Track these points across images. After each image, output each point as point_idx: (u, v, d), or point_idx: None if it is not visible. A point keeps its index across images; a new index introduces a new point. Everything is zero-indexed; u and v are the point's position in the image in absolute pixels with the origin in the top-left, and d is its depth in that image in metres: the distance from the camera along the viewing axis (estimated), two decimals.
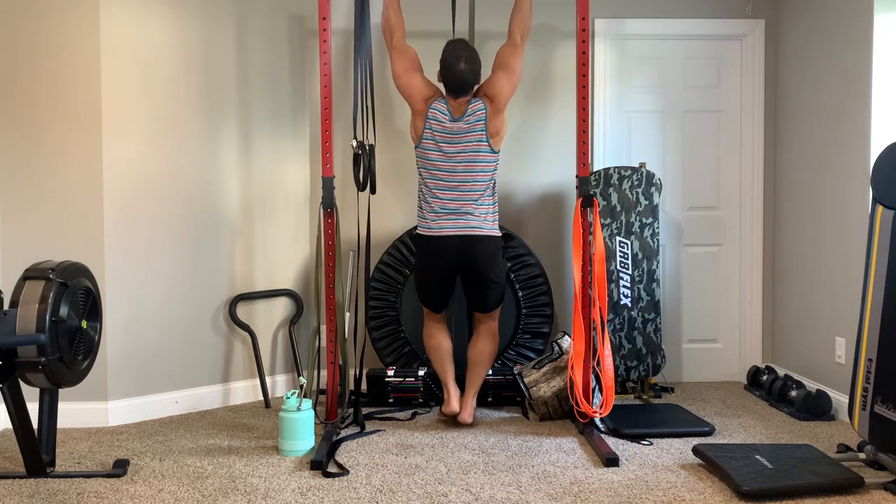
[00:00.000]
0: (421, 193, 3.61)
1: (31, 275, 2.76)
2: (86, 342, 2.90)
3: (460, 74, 3.46)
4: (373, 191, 3.63)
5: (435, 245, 3.53)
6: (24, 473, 2.89)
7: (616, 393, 4.00)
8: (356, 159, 3.52)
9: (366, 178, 3.54)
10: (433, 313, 3.73)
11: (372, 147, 3.59)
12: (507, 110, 3.60)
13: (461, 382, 3.70)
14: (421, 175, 3.60)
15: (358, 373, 3.68)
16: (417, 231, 3.62)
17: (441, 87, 3.59)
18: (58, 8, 3.52)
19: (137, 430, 3.53)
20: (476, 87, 3.56)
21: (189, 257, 3.86)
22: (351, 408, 3.67)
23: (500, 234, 3.61)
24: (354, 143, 3.52)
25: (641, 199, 4.10)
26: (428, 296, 3.69)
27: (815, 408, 3.66)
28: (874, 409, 2.83)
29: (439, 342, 3.71)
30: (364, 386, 4.03)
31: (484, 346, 3.68)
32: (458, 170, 3.50)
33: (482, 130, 3.50)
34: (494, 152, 3.55)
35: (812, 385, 3.88)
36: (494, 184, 3.60)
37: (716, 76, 4.45)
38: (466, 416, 3.59)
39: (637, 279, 4.09)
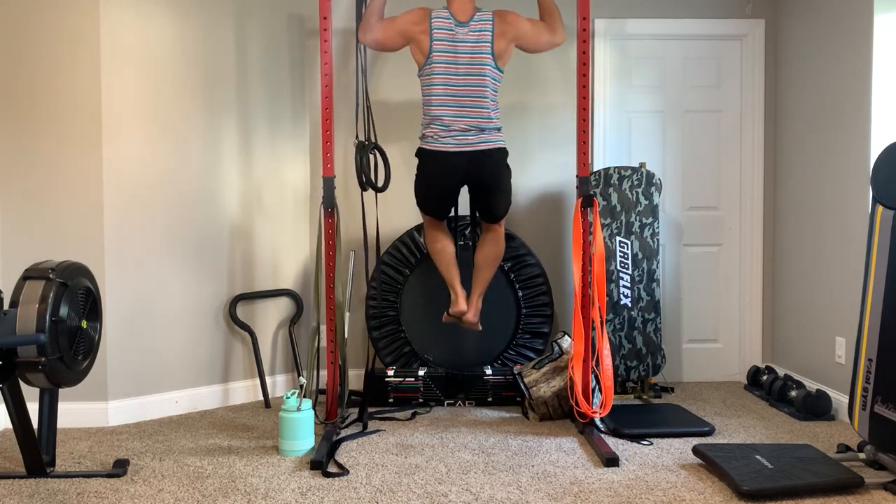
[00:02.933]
0: (426, 109, 3.50)
1: (31, 275, 2.76)
2: (86, 342, 2.90)
3: None
4: (377, 189, 3.62)
5: (441, 160, 3.46)
6: (24, 473, 2.89)
7: (616, 393, 4.01)
8: (359, 158, 3.51)
9: (361, 177, 3.52)
10: (435, 220, 3.71)
11: (374, 144, 3.59)
12: (507, 112, 3.59)
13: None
14: (425, 96, 3.49)
15: (370, 366, 3.65)
16: (421, 146, 3.54)
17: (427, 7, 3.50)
18: (58, 8, 3.52)
19: (137, 430, 3.53)
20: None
21: (189, 257, 3.86)
22: (355, 408, 3.66)
23: (504, 145, 3.54)
24: (356, 142, 3.52)
25: (641, 199, 4.10)
26: (431, 207, 3.64)
27: (815, 408, 3.66)
28: (874, 409, 2.83)
29: (444, 245, 3.68)
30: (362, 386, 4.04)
31: (490, 249, 3.67)
32: (465, 83, 3.42)
33: (488, 42, 3.42)
34: (499, 70, 3.48)
35: (812, 385, 3.88)
36: (497, 104, 3.52)
37: (716, 76, 4.45)
38: (472, 316, 3.60)
39: (637, 279, 4.09)
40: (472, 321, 3.62)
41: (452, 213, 3.81)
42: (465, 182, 3.55)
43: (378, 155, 3.74)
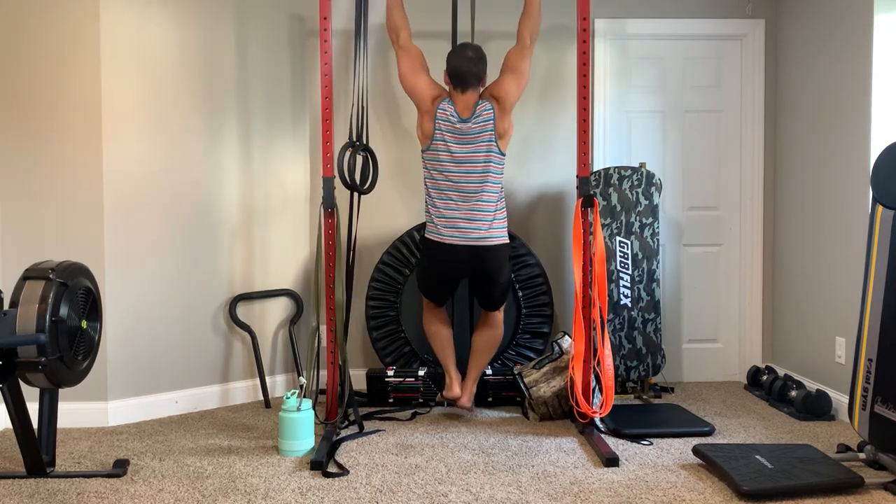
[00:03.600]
0: (428, 197, 3.58)
1: (31, 275, 2.76)
2: (86, 342, 2.90)
3: (467, 62, 3.45)
4: (360, 191, 3.63)
5: (444, 252, 3.53)
6: (24, 473, 2.89)
7: (616, 393, 4.00)
8: (341, 157, 3.51)
9: (343, 178, 3.52)
10: (435, 304, 3.75)
11: (364, 145, 3.60)
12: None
13: (462, 375, 3.72)
14: (428, 180, 3.57)
15: (342, 369, 3.67)
16: (426, 235, 3.62)
17: (446, 89, 3.57)
18: (58, 8, 3.52)
19: (137, 430, 3.53)
20: (483, 89, 3.55)
21: (189, 257, 3.86)
22: (349, 407, 3.66)
23: (508, 240, 3.62)
24: (345, 143, 3.53)
25: (641, 199, 4.10)
26: (432, 293, 3.71)
27: (815, 408, 3.66)
28: (874, 409, 2.83)
29: (440, 328, 3.74)
30: (364, 386, 4.04)
31: (489, 335, 3.72)
32: (468, 173, 3.49)
33: (491, 131, 3.49)
34: (502, 154, 3.55)
35: (812, 385, 3.88)
36: (502, 188, 3.60)
37: (716, 76, 4.45)
38: (466, 401, 3.64)
39: (637, 279, 4.09)
40: (465, 406, 3.66)
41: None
42: (466, 274, 3.60)
43: (368, 156, 3.74)
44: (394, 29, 3.59)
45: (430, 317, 3.75)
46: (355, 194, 3.72)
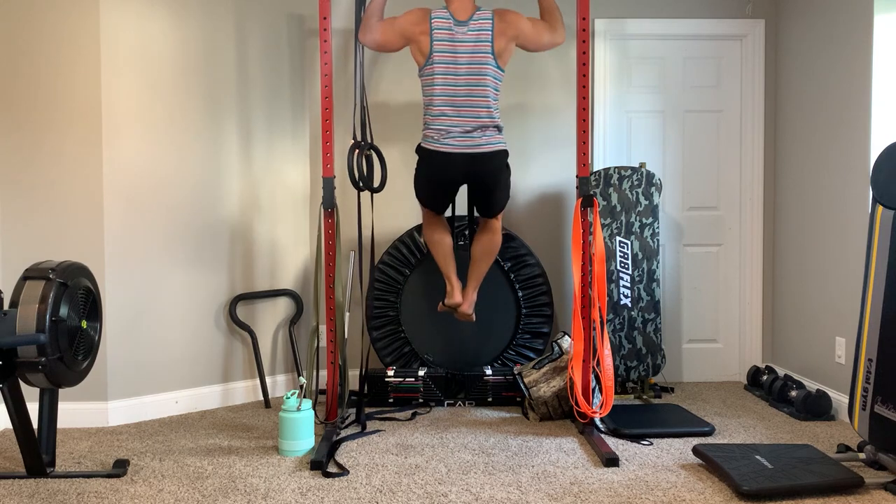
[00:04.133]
0: (426, 109, 3.50)
1: (31, 275, 2.76)
2: (86, 342, 2.90)
3: None
4: (372, 189, 3.62)
5: (441, 160, 3.47)
6: (24, 473, 2.89)
7: (616, 393, 4.00)
8: (350, 157, 3.51)
9: (353, 178, 3.52)
10: (434, 213, 3.73)
11: (370, 145, 3.59)
12: (507, 112, 3.59)
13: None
14: (426, 97, 3.49)
15: (364, 370, 3.67)
16: (422, 144, 3.53)
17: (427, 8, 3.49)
18: (58, 8, 3.52)
19: (137, 430, 3.53)
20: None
21: (189, 257, 3.86)
22: (352, 408, 3.67)
23: (506, 146, 3.54)
24: (352, 143, 3.52)
25: (641, 199, 4.10)
26: (430, 201, 3.67)
27: (815, 408, 3.66)
28: (874, 409, 2.83)
29: (441, 236, 3.71)
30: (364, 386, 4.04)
31: (486, 242, 3.70)
32: (465, 82, 3.42)
33: (488, 42, 3.42)
34: (500, 69, 3.48)
35: (812, 385, 3.88)
36: (498, 105, 3.52)
37: (716, 76, 4.45)
38: (467, 308, 3.64)
39: (637, 279, 4.09)
40: (466, 312, 3.65)
41: (450, 214, 3.81)
42: (464, 181, 3.56)
43: (375, 155, 3.73)
44: (383, 46, 3.55)
45: (431, 225, 3.72)
46: (362, 194, 3.70)
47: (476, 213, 3.76)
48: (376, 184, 3.75)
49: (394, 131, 4.31)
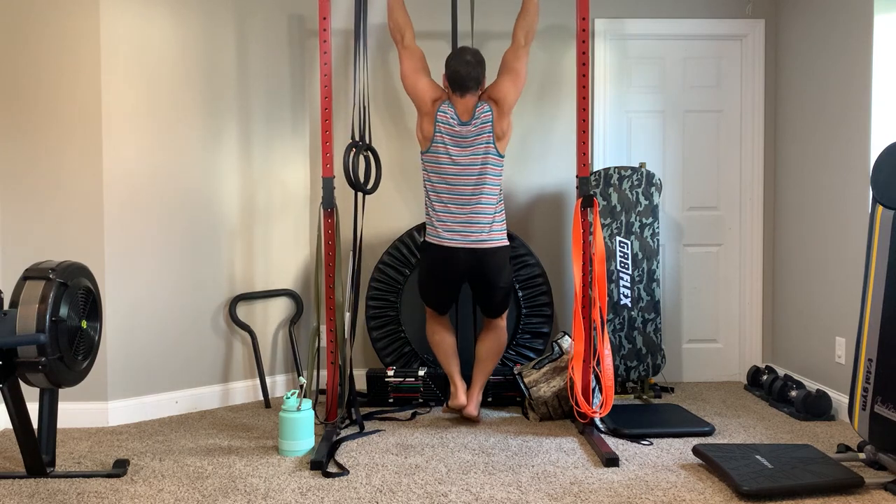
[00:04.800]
0: (428, 200, 3.59)
1: (31, 275, 2.76)
2: (86, 342, 2.90)
3: (466, 66, 3.46)
4: (365, 191, 3.62)
5: (443, 255, 3.54)
6: (24, 473, 2.89)
7: (616, 393, 4.00)
8: (344, 159, 3.51)
9: (349, 177, 3.52)
10: (437, 313, 3.74)
11: (368, 145, 3.60)
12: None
13: (467, 380, 3.72)
14: (427, 183, 3.58)
15: (350, 371, 3.66)
16: (426, 238, 3.62)
17: (446, 91, 3.57)
18: (58, 9, 3.52)
19: (137, 430, 3.53)
20: (481, 91, 3.55)
21: (189, 257, 3.86)
22: (363, 408, 3.67)
23: (508, 243, 3.62)
24: (350, 142, 3.52)
25: (641, 199, 4.10)
26: (433, 300, 3.71)
27: (815, 408, 3.66)
28: (874, 409, 2.83)
29: (443, 337, 3.73)
30: (364, 386, 4.04)
31: (492, 343, 3.71)
32: (467, 175, 3.49)
33: (490, 133, 3.50)
34: (501, 156, 3.55)
35: (812, 385, 3.88)
36: (501, 190, 3.61)
37: (716, 76, 4.45)
38: (472, 409, 3.62)
39: (637, 279, 4.09)
40: (472, 415, 3.62)
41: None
42: (467, 277, 3.60)
43: (371, 156, 3.74)
44: (398, 29, 3.59)
45: (433, 326, 3.75)
46: (359, 194, 3.71)
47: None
48: (371, 185, 3.75)
49: (394, 131, 4.31)
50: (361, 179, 3.65)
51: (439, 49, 3.89)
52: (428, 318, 3.78)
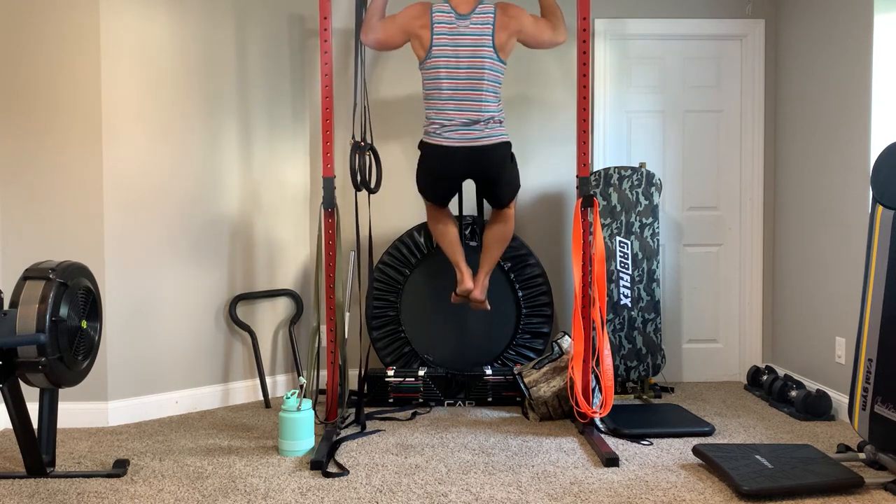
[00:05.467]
0: (426, 102, 3.51)
1: (31, 275, 2.76)
2: (86, 342, 2.90)
3: None
4: (370, 190, 3.62)
5: (442, 154, 3.47)
6: (24, 473, 2.89)
7: (616, 393, 4.01)
8: (350, 159, 3.51)
9: (355, 178, 3.52)
10: (437, 206, 3.73)
11: (370, 145, 3.60)
12: (508, 112, 3.59)
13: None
14: (426, 90, 3.51)
15: (362, 372, 3.67)
16: (423, 139, 3.54)
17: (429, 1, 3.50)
18: (58, 8, 3.52)
19: (137, 430, 3.53)
20: None
21: (189, 257, 3.86)
22: (352, 408, 3.67)
23: (508, 138, 3.55)
24: (351, 142, 3.52)
25: (641, 199, 4.10)
26: (433, 195, 3.68)
27: (815, 408, 3.66)
28: (874, 409, 2.83)
29: (446, 225, 3.72)
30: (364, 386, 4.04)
31: (499, 229, 3.71)
32: (466, 76, 3.42)
33: (489, 35, 3.42)
34: (502, 62, 3.48)
35: (812, 385, 3.88)
36: (500, 99, 3.53)
37: (716, 76, 4.45)
38: (479, 294, 3.65)
39: (637, 279, 4.09)
40: (479, 299, 3.65)
41: (457, 213, 3.80)
42: (467, 176, 3.57)
43: (372, 156, 3.74)
44: (384, 44, 3.56)
45: (435, 217, 3.73)
46: (359, 194, 3.71)
47: (486, 204, 3.75)
48: (373, 184, 3.75)
49: (393, 131, 4.31)
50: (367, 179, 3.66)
51: None
52: (428, 212, 3.76)
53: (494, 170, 3.53)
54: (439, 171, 3.56)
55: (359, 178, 3.54)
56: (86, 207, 3.57)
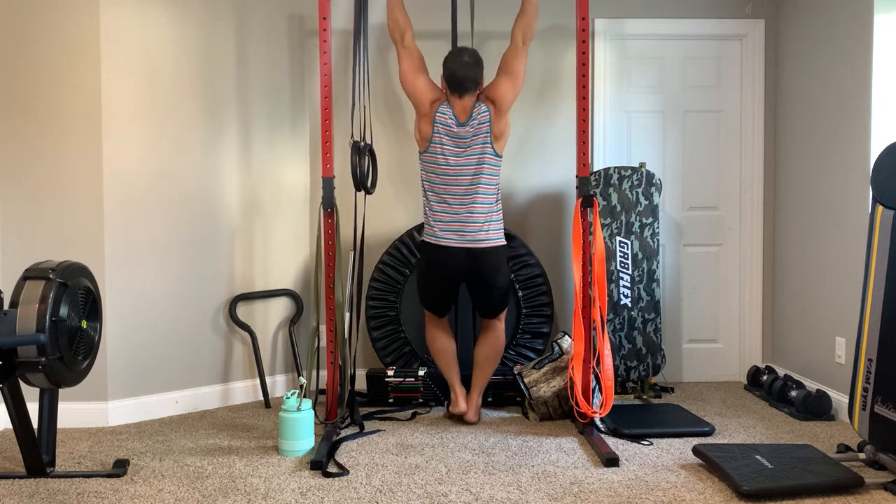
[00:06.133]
0: (425, 199, 3.60)
1: (31, 275, 2.76)
2: (86, 342, 2.90)
3: (463, 67, 3.46)
4: (367, 191, 3.62)
5: (440, 255, 3.54)
6: (24, 473, 2.89)
7: (616, 393, 4.00)
8: (352, 159, 3.52)
9: (356, 178, 3.52)
10: (436, 317, 3.74)
11: (369, 146, 3.60)
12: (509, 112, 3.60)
13: (466, 384, 3.72)
14: (425, 183, 3.58)
15: (353, 371, 3.67)
16: (423, 238, 3.63)
17: (444, 92, 3.57)
18: (58, 8, 3.52)
19: (137, 430, 3.53)
20: (479, 92, 3.55)
21: (189, 257, 3.86)
22: (363, 408, 3.67)
23: (505, 242, 3.62)
24: (350, 142, 3.53)
25: (641, 199, 4.10)
26: (432, 302, 3.71)
27: (815, 408, 3.66)
28: (874, 409, 2.83)
29: (443, 344, 3.73)
30: (364, 386, 4.04)
31: (490, 347, 3.71)
32: (464, 174, 3.50)
33: (487, 133, 3.50)
34: (498, 156, 3.55)
35: (812, 385, 3.88)
36: (498, 189, 3.61)
37: (716, 76, 4.45)
38: (472, 416, 3.62)
39: (637, 279, 4.09)
40: (472, 420, 3.63)
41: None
42: (464, 277, 3.60)
43: (369, 157, 3.74)
44: (397, 29, 3.58)
45: (434, 332, 3.75)
46: (358, 194, 3.71)
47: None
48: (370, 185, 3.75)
49: (394, 131, 4.31)
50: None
51: (439, 49, 3.88)
52: (427, 324, 3.78)
53: (490, 273, 3.56)
54: (438, 269, 3.60)
55: (360, 178, 3.54)
56: (86, 207, 3.57)
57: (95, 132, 3.56)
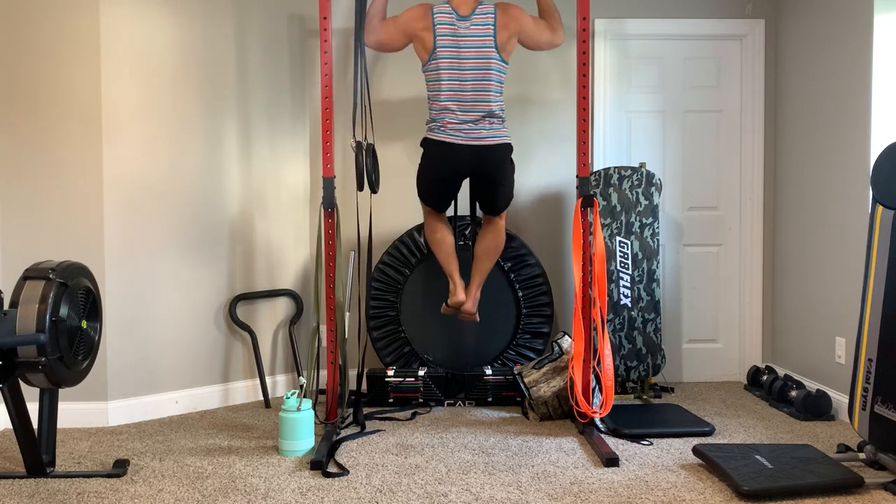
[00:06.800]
0: (429, 103, 3.54)
1: (31, 275, 2.76)
2: (86, 342, 2.90)
3: None
4: (373, 190, 3.63)
5: (444, 152, 3.49)
6: (24, 473, 2.89)
7: (616, 393, 4.00)
8: (357, 159, 3.52)
9: (362, 178, 3.53)
10: (436, 211, 3.73)
11: (372, 146, 3.60)
12: (508, 112, 3.60)
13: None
14: (430, 91, 3.53)
15: (360, 371, 3.67)
16: (427, 135, 3.56)
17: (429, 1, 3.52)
18: (58, 8, 3.52)
19: (137, 430, 3.53)
20: None
21: (189, 257, 3.86)
22: (351, 408, 3.67)
23: (510, 141, 3.56)
24: (353, 143, 3.53)
25: (641, 199, 4.10)
26: (432, 197, 3.68)
27: (815, 408, 3.66)
28: (874, 409, 2.83)
29: (443, 235, 3.72)
30: (364, 386, 4.04)
31: (490, 242, 3.71)
32: (470, 77, 3.45)
33: (490, 36, 3.44)
34: (504, 62, 3.50)
35: (812, 385, 3.88)
36: (502, 99, 3.56)
37: (716, 76, 4.45)
38: (470, 306, 3.64)
39: (637, 279, 4.09)
40: (470, 311, 3.65)
41: (452, 213, 3.81)
42: (468, 174, 3.58)
43: (372, 157, 3.73)
44: (386, 46, 3.58)
45: (432, 225, 3.74)
46: (361, 194, 3.70)
47: (479, 211, 3.76)
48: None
49: (394, 131, 4.31)
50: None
51: None
52: (426, 217, 3.76)
53: (496, 170, 3.54)
54: (442, 167, 3.56)
55: (366, 178, 3.54)
56: (86, 207, 3.57)
57: (96, 132, 3.56)
